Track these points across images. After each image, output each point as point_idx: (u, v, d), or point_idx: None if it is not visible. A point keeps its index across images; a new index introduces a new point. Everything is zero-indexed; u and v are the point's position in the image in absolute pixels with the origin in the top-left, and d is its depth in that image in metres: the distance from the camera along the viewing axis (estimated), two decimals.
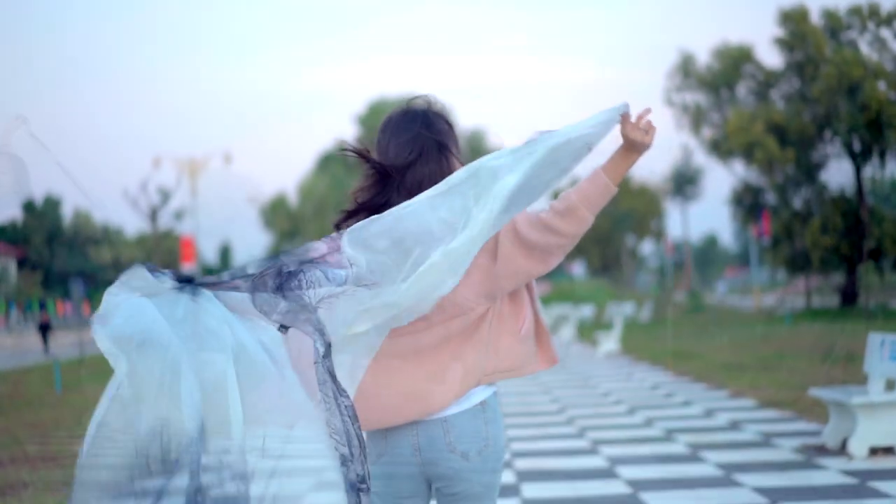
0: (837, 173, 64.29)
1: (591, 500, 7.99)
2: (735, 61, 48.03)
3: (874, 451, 9.26)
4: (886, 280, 46.87)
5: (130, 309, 3.01)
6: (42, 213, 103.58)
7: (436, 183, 3.23)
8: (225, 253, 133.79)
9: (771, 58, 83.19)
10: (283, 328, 3.11)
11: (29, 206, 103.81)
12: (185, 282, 3.11)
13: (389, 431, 3.40)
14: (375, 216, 3.20)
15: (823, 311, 43.90)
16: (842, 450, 9.53)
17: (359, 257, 3.13)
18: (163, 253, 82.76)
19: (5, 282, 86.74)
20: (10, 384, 22.74)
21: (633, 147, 3.33)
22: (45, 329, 42.04)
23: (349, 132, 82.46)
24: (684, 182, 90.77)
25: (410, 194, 3.28)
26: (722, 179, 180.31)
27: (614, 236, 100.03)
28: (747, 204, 49.09)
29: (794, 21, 43.54)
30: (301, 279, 3.09)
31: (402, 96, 3.96)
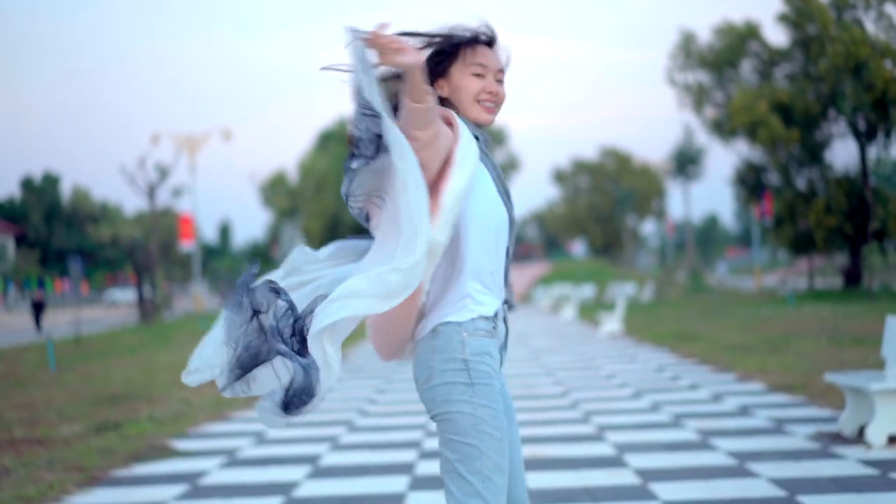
0: (842, 153, 63.81)
1: (599, 490, 7.60)
2: (740, 38, 47.55)
3: (893, 440, 8.89)
4: (890, 261, 46.53)
5: None
6: (41, 190, 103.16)
7: None
8: (224, 231, 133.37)
9: (774, 36, 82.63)
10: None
11: (27, 183, 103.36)
12: None
13: None
14: None
15: (827, 292, 43.56)
16: (859, 438, 9.15)
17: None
18: (161, 231, 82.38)
19: (3, 259, 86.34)
20: (4, 363, 22.40)
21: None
22: (38, 307, 41.22)
23: (350, 109, 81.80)
24: (686, 162, 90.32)
25: None
26: (724, 159, 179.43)
27: (615, 216, 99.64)
28: (750, 184, 48.69)
29: None
30: None
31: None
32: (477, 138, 3.53)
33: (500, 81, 3.62)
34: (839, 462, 8.25)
